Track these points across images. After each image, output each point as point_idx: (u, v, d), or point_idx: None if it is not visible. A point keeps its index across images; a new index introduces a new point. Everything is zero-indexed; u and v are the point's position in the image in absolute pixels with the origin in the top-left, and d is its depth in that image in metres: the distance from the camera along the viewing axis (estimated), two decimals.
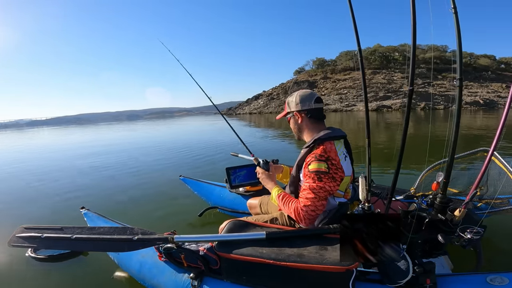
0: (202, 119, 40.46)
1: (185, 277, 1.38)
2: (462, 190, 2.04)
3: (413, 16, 1.19)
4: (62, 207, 3.60)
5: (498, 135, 1.23)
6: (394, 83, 42.70)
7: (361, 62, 1.61)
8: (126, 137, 14.91)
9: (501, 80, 41.57)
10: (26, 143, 16.15)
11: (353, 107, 40.40)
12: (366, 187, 1.40)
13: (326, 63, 61.05)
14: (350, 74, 51.13)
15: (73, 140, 15.90)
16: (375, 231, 1.10)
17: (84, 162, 6.98)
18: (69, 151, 10.13)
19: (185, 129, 20.90)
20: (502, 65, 49.29)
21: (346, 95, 43.50)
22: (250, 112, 50.40)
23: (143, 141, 11.99)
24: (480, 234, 1.16)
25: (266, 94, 58.34)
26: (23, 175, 5.99)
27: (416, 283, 1.12)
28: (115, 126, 30.72)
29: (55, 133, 25.45)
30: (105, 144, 11.73)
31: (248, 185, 2.48)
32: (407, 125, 1.28)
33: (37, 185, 4.91)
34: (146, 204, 3.49)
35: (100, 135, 17.47)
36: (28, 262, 2.20)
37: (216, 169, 5.19)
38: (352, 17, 1.55)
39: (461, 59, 1.26)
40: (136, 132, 19.86)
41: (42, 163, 7.38)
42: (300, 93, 1.46)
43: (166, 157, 6.98)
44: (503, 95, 36.05)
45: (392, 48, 53.73)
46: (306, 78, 55.70)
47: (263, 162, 1.68)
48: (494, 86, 38.99)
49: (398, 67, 49.06)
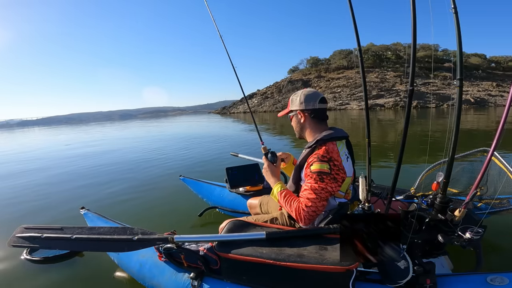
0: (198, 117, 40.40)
1: (185, 277, 1.38)
2: (462, 190, 2.04)
3: (413, 16, 1.18)
4: (62, 207, 3.60)
5: (498, 135, 1.23)
6: (387, 82, 42.98)
7: (361, 62, 1.61)
8: (126, 137, 14.91)
9: (491, 79, 42.13)
10: (23, 142, 16.15)
11: (347, 106, 40.62)
12: (366, 187, 1.40)
13: (320, 62, 61.53)
14: (343, 73, 51.65)
15: (73, 140, 15.89)
16: (375, 231, 1.10)
17: (84, 162, 6.99)
18: (68, 151, 10.12)
19: (184, 126, 20.93)
20: (492, 63, 50.12)
21: (339, 94, 43.67)
22: (244, 111, 50.21)
23: (143, 141, 11.98)
24: (480, 234, 1.16)
25: (260, 93, 58.37)
26: (24, 175, 5.99)
27: (416, 283, 1.11)
28: (114, 126, 30.74)
29: (53, 133, 25.32)
30: (105, 144, 11.73)
31: (248, 185, 2.48)
32: (407, 125, 1.27)
33: (37, 185, 4.91)
34: (146, 204, 3.49)
35: (97, 135, 17.45)
36: (24, 264, 2.18)
37: (216, 169, 5.19)
38: (352, 17, 1.54)
39: (461, 59, 1.26)
40: (136, 132, 19.88)
41: (42, 163, 7.38)
42: (305, 92, 1.45)
43: (166, 157, 6.98)
44: (494, 93, 36.49)
45: (385, 47, 54.27)
46: (300, 77, 55.94)
47: (270, 154, 1.61)
48: (485, 85, 39.40)
49: (391, 66, 49.65)
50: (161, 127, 18.28)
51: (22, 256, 2.23)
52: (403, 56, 51.63)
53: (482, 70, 45.17)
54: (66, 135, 20.65)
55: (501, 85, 39.94)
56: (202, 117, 40.10)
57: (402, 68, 47.24)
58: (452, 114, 1.29)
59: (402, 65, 48.45)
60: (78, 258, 2.22)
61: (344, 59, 55.34)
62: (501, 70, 48.18)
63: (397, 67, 48.73)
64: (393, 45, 54.98)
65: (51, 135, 22.75)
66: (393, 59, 52.33)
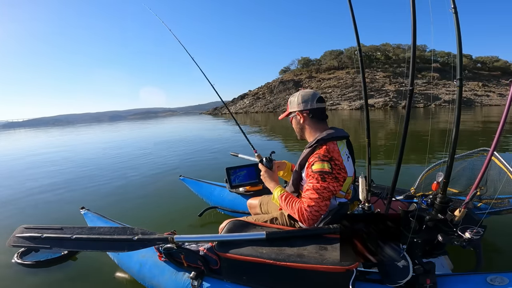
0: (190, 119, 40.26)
1: (185, 277, 1.38)
2: (462, 190, 2.04)
3: (413, 16, 1.19)
4: (62, 207, 3.61)
5: (498, 135, 1.23)
6: (377, 82, 43.27)
7: (361, 62, 1.61)
8: (125, 137, 14.91)
9: (477, 79, 42.72)
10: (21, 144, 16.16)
11: (338, 106, 40.93)
12: (366, 187, 1.40)
13: (311, 62, 61.76)
14: (334, 73, 52.17)
15: (71, 140, 15.90)
16: (375, 231, 1.10)
17: (84, 162, 6.99)
18: (67, 151, 10.12)
19: (178, 127, 20.86)
20: (478, 64, 50.84)
21: (330, 94, 43.92)
22: (236, 112, 50.01)
23: (142, 141, 11.99)
24: (480, 234, 1.16)
25: (252, 93, 58.36)
26: (23, 174, 5.99)
27: (416, 283, 1.11)
28: (112, 126, 30.74)
29: (46, 135, 25.09)
30: (103, 144, 11.73)
31: (248, 185, 2.48)
32: (407, 125, 1.27)
33: (37, 185, 4.91)
34: (146, 204, 3.49)
35: (93, 136, 17.41)
36: (22, 268, 2.10)
37: (216, 169, 5.19)
38: (352, 17, 1.55)
39: (461, 59, 1.26)
40: (134, 132, 19.88)
41: (41, 163, 7.38)
42: (302, 92, 1.45)
43: (166, 157, 6.98)
44: (480, 93, 37.23)
45: (374, 48, 54.65)
46: (291, 78, 56.11)
47: (266, 160, 1.62)
48: (471, 85, 39.88)
49: (380, 67, 50.11)
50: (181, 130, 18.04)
51: (13, 259, 2.15)
52: (392, 57, 52.01)
53: (468, 71, 45.74)
54: (64, 136, 20.59)
55: (487, 85, 40.57)
56: (193, 118, 39.88)
57: (391, 69, 47.66)
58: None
59: (391, 66, 48.80)
60: (78, 258, 2.21)
61: (335, 59, 55.79)
62: (487, 70, 48.91)
63: (386, 67, 49.21)
64: (382, 45, 55.66)
65: (53, 136, 22.70)
66: (383, 59, 52.80)
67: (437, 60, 45.17)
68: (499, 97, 35.69)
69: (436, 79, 41.00)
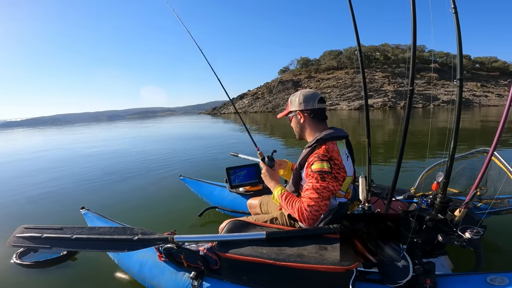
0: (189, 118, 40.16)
1: (185, 277, 1.38)
2: (462, 190, 2.04)
3: (413, 16, 1.18)
4: (62, 207, 3.60)
5: (498, 135, 1.23)
6: (376, 82, 43.19)
7: (361, 62, 1.61)
8: (124, 137, 14.90)
9: (476, 79, 42.61)
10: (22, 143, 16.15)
11: (337, 106, 40.92)
12: (366, 187, 1.40)
13: (310, 62, 61.43)
14: (333, 73, 51.95)
15: (70, 140, 15.88)
16: (375, 231, 1.10)
17: (84, 162, 6.98)
18: (67, 150, 10.12)
19: (178, 127, 20.85)
20: (477, 64, 50.69)
21: (329, 94, 43.85)
22: (234, 112, 50.20)
23: (142, 140, 11.98)
24: (480, 234, 1.16)
25: (251, 93, 58.01)
26: (23, 174, 5.99)
27: (416, 283, 1.11)
28: (110, 126, 30.70)
29: (45, 134, 24.98)
30: (103, 144, 11.72)
31: (248, 185, 2.48)
32: (407, 125, 1.27)
33: (37, 185, 4.90)
34: (146, 204, 3.49)
35: (92, 136, 17.39)
36: (18, 269, 2.08)
37: (216, 169, 5.19)
38: (352, 16, 1.55)
39: (461, 59, 1.26)
40: (133, 132, 19.87)
41: (41, 163, 7.37)
42: (304, 92, 1.45)
43: (166, 157, 6.97)
44: (478, 94, 37.19)
45: (373, 48, 54.55)
46: (290, 78, 55.87)
47: (268, 158, 1.62)
48: (470, 85, 39.83)
49: (379, 67, 49.93)
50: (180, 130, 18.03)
51: (12, 260, 2.14)
52: (391, 57, 52.02)
53: (467, 71, 45.60)
54: (65, 135, 20.60)
55: (485, 85, 40.53)
56: (193, 118, 39.80)
57: (390, 69, 47.66)
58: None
59: (390, 66, 48.80)
60: (78, 258, 2.20)
61: (334, 59, 55.72)
62: (485, 70, 48.76)
63: (385, 67, 49.13)
64: (381, 45, 55.53)
65: (54, 134, 22.69)
66: (381, 59, 52.72)
67: (436, 61, 45.21)
68: (498, 98, 35.66)
69: (435, 80, 41.03)
